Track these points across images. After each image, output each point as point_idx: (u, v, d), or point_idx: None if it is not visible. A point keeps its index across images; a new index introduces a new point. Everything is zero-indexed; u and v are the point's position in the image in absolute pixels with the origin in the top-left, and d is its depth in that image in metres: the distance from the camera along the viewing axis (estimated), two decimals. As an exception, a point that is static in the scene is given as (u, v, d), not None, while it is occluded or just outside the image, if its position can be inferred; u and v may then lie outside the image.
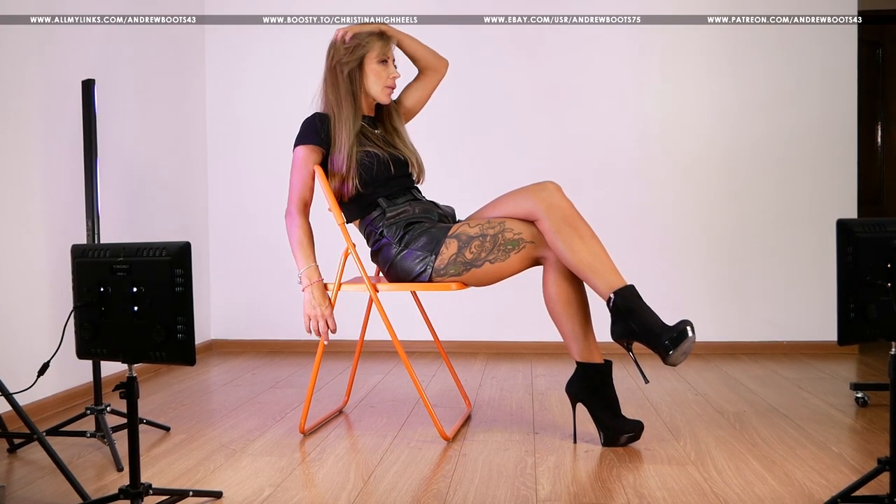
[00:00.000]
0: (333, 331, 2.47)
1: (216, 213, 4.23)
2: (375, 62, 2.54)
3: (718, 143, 3.99)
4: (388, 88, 2.57)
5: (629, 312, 2.17)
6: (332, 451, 2.36)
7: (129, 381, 1.73)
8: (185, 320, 1.63)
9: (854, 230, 1.66)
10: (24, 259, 2.76)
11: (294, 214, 2.49)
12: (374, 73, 2.55)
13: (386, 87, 2.56)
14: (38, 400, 2.73)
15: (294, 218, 2.48)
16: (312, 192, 2.52)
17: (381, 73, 2.55)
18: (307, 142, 2.49)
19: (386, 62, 2.56)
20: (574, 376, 2.38)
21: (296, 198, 2.49)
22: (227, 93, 4.19)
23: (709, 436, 2.44)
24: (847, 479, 1.96)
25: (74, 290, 1.75)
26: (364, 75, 2.55)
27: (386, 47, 2.56)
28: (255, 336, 4.21)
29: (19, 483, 2.09)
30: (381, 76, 2.55)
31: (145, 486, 1.75)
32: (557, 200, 2.31)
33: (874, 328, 1.66)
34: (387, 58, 2.56)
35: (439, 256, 2.38)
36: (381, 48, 2.55)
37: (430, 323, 2.82)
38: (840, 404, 2.82)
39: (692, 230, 4.00)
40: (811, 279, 3.93)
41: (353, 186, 2.47)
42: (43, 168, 2.86)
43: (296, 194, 2.49)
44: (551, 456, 2.26)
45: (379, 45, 2.55)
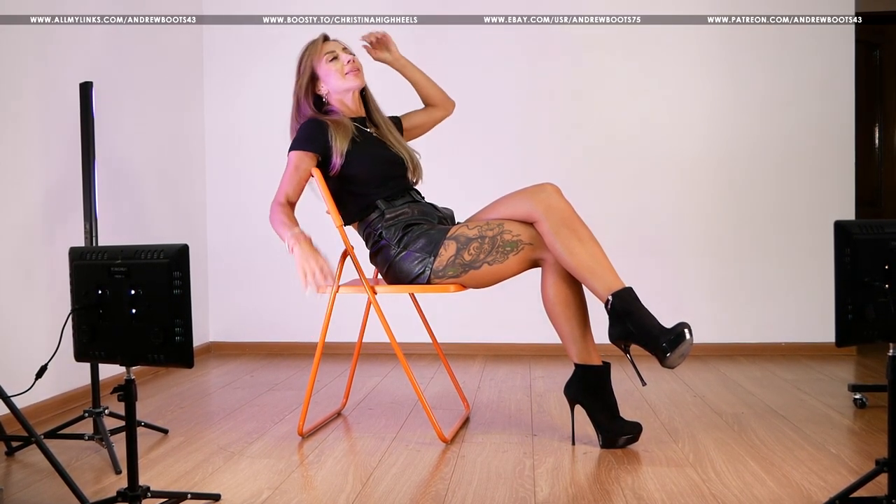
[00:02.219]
0: (331, 277, 2.39)
1: (214, 215, 4.23)
2: (325, 63, 2.55)
3: (716, 144, 3.99)
4: (351, 73, 2.56)
5: (627, 315, 2.17)
6: (330, 453, 2.36)
7: (127, 384, 1.73)
8: (183, 322, 1.63)
9: (852, 232, 1.65)
10: (23, 261, 2.76)
11: (278, 203, 2.47)
12: (330, 72, 2.55)
13: (346, 73, 2.55)
14: (36, 403, 2.72)
15: (277, 205, 2.47)
16: (299, 195, 2.51)
17: (335, 66, 2.55)
18: (301, 147, 2.49)
19: (336, 57, 2.57)
20: (572, 378, 2.38)
21: (282, 194, 2.48)
22: (225, 94, 4.19)
23: (707, 437, 2.44)
24: (845, 481, 1.96)
25: (72, 293, 1.75)
26: (325, 81, 2.56)
27: (326, 44, 2.58)
28: (253, 338, 4.21)
29: (17, 486, 2.09)
30: (336, 69, 2.55)
31: (143, 489, 1.75)
32: (556, 202, 2.31)
33: (872, 329, 1.66)
34: (334, 52, 2.57)
35: (438, 258, 2.38)
36: (322, 48, 2.57)
37: (429, 325, 2.82)
38: (838, 406, 2.82)
39: (690, 232, 4.01)
40: (809, 281, 3.94)
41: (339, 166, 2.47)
42: (41, 170, 2.86)
43: (283, 191, 2.48)
44: (550, 458, 2.26)
45: (318, 48, 2.57)
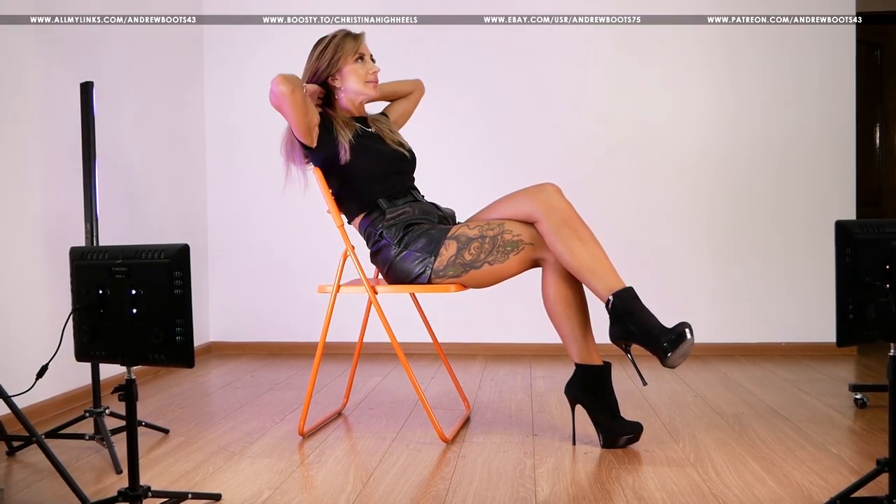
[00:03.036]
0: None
1: (215, 214, 4.23)
2: (352, 62, 2.55)
3: (717, 144, 3.99)
4: (371, 83, 2.58)
5: (628, 314, 2.17)
6: (331, 453, 2.36)
7: (127, 384, 1.73)
8: (183, 322, 1.63)
9: (853, 231, 1.65)
10: (23, 261, 2.76)
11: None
12: (354, 73, 2.55)
13: (368, 81, 2.57)
14: (36, 402, 2.72)
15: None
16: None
17: (360, 70, 2.55)
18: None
19: (363, 58, 2.57)
20: (573, 378, 2.38)
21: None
22: (225, 94, 4.19)
23: (708, 437, 2.44)
24: (846, 481, 1.96)
25: (73, 293, 1.75)
26: (344, 78, 2.55)
27: (358, 43, 2.57)
28: (254, 338, 4.21)
29: (18, 486, 2.09)
30: (360, 73, 2.55)
31: (144, 489, 1.75)
32: (557, 202, 2.31)
33: (873, 329, 1.66)
34: (363, 54, 2.57)
35: (438, 258, 2.38)
36: (354, 45, 2.55)
37: (430, 325, 2.82)
38: (839, 405, 2.82)
39: (691, 232, 4.01)
40: (810, 280, 3.93)
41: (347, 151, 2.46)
42: (41, 170, 2.86)
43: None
44: (550, 458, 2.26)
45: (351, 43, 2.55)
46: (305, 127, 2.41)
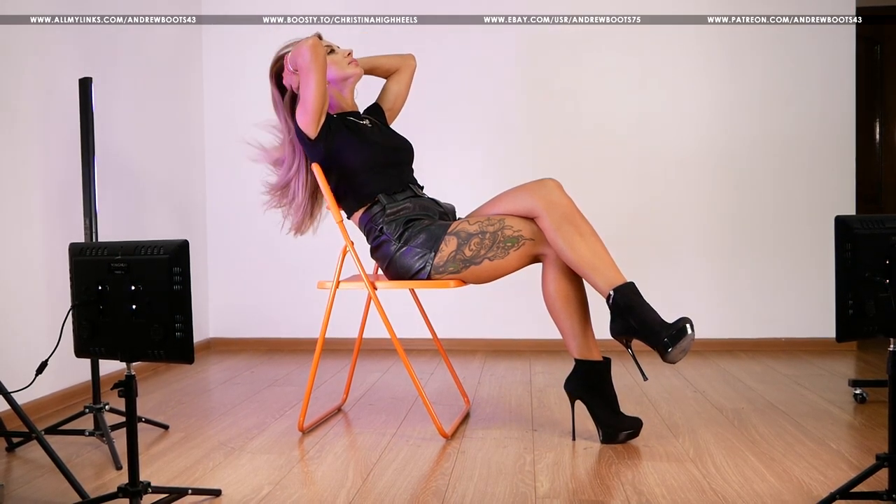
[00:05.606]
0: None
1: (214, 211, 4.22)
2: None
3: (717, 142, 3.99)
4: (351, 63, 2.59)
5: (629, 309, 2.17)
6: (330, 448, 2.36)
7: (127, 380, 1.73)
8: (183, 318, 1.63)
9: (852, 227, 1.65)
10: (23, 257, 2.76)
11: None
12: (332, 63, 2.56)
13: (348, 63, 2.58)
14: (36, 399, 2.73)
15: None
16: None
17: (335, 58, 2.57)
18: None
19: (333, 50, 2.59)
20: (573, 373, 2.38)
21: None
22: (225, 92, 4.19)
23: (707, 433, 2.44)
24: (845, 476, 1.96)
25: (72, 289, 1.75)
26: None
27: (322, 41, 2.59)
28: (253, 334, 4.21)
29: (18, 482, 2.09)
30: (336, 60, 2.57)
31: (144, 485, 1.75)
32: (557, 198, 2.31)
33: (872, 324, 1.66)
34: (329, 46, 2.59)
35: (438, 253, 2.38)
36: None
37: (429, 320, 2.82)
38: (838, 401, 2.83)
39: (691, 227, 4.01)
40: (809, 276, 3.94)
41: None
42: (41, 166, 2.86)
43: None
44: (550, 453, 2.26)
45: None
46: (322, 101, 2.41)
